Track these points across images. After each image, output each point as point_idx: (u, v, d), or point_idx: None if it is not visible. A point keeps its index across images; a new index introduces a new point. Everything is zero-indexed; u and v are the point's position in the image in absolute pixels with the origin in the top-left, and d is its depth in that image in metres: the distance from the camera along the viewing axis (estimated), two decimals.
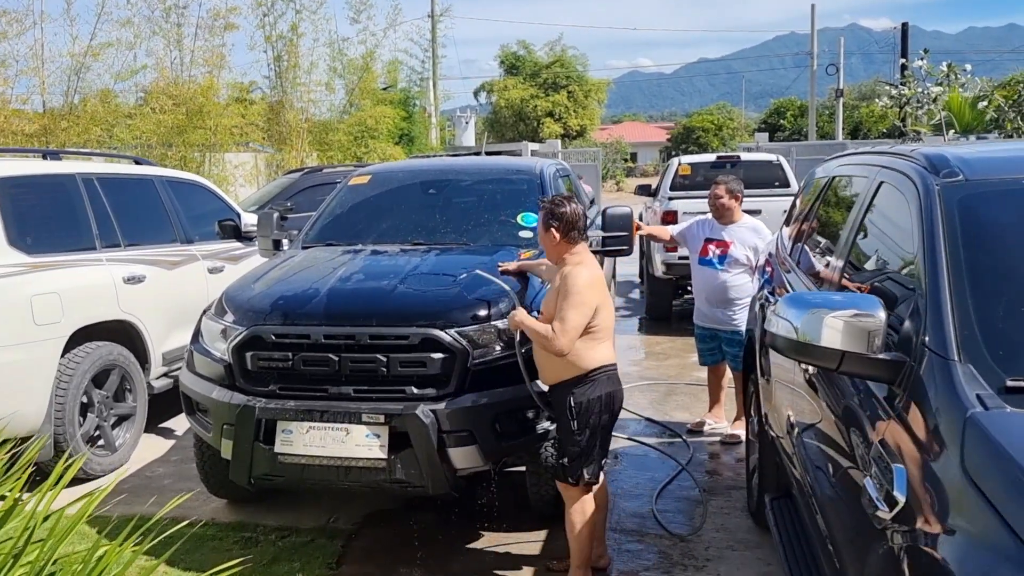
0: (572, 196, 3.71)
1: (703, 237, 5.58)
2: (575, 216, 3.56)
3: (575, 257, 3.57)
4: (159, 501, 4.58)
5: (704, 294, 5.60)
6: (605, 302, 3.53)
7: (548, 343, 3.41)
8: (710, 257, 5.53)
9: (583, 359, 3.47)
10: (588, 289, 3.43)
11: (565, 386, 3.51)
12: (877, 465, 1.91)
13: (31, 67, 11.78)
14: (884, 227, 2.77)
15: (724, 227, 5.53)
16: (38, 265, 4.85)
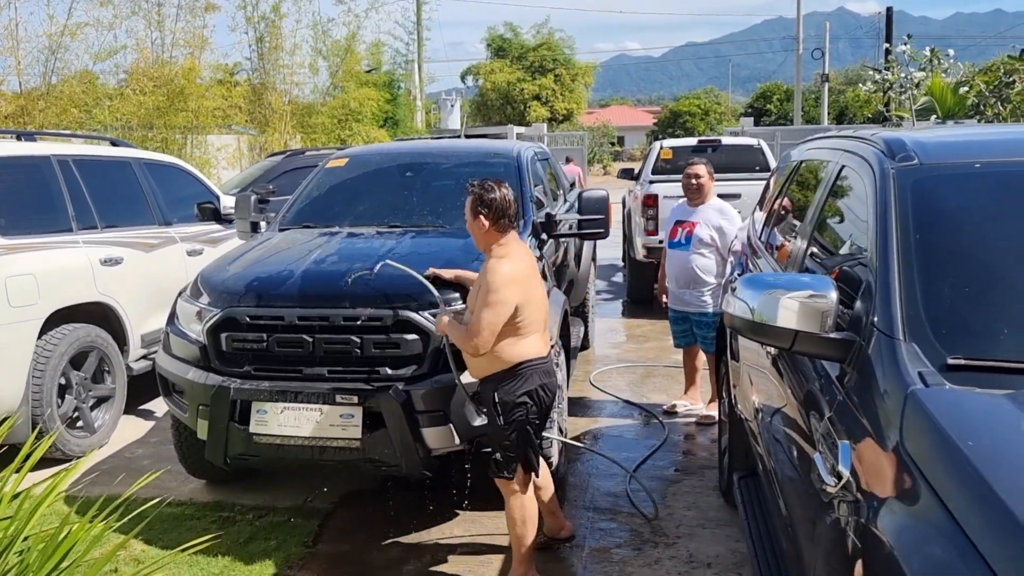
0: (503, 182, 3.54)
1: (674, 220, 5.66)
2: (505, 202, 3.41)
3: (501, 249, 3.42)
4: (136, 481, 4.61)
5: (674, 276, 5.67)
6: (530, 296, 3.38)
7: (463, 344, 3.35)
8: (678, 239, 5.61)
9: (507, 354, 3.35)
10: (506, 286, 3.27)
11: (491, 381, 3.42)
12: (825, 441, 1.97)
13: (6, 47, 11.66)
14: (844, 210, 2.82)
15: (694, 209, 5.61)
16: (13, 247, 4.84)
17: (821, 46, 38.03)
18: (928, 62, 19.11)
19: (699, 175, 5.60)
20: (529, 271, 3.46)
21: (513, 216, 3.46)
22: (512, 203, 3.45)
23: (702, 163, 5.70)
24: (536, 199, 5.42)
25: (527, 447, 3.47)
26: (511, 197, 3.47)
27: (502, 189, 3.46)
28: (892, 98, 20.01)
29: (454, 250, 4.42)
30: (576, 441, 5.28)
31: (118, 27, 12.88)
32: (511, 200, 3.45)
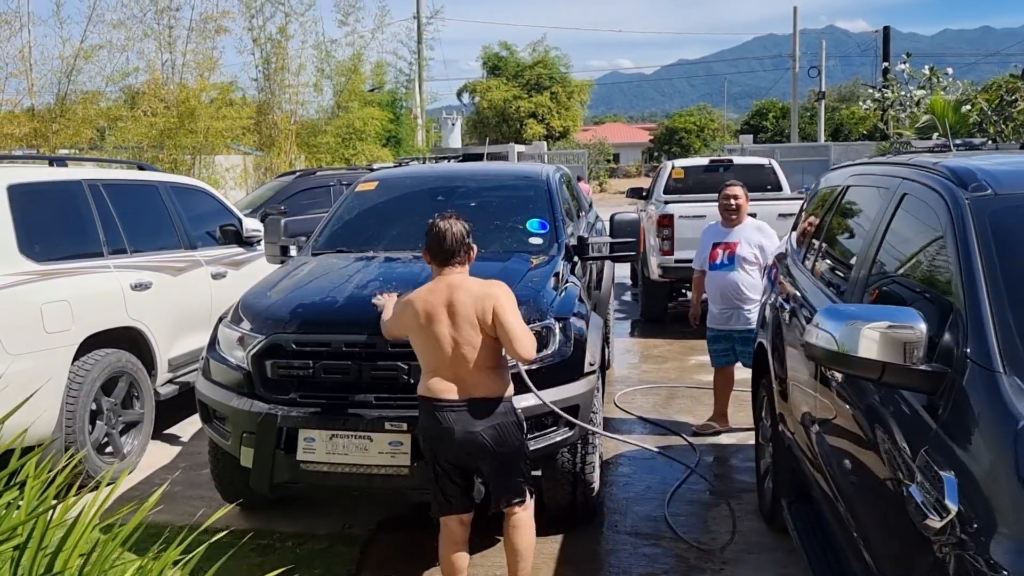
0: (455, 215, 3.51)
1: (710, 244, 5.71)
2: (436, 238, 3.42)
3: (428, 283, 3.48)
4: (170, 509, 4.58)
5: (718, 297, 5.72)
6: (416, 334, 3.37)
7: None
8: (719, 260, 5.66)
9: (419, 386, 3.41)
10: (389, 322, 3.54)
11: None
12: (923, 474, 1.97)
13: (20, 70, 11.68)
14: (910, 238, 2.83)
15: (730, 229, 5.66)
16: (47, 273, 4.83)
17: (813, 63, 38.40)
18: (927, 80, 19.32)
19: (737, 196, 5.69)
20: (411, 309, 3.37)
21: (448, 253, 3.41)
22: (448, 240, 3.40)
23: (738, 184, 5.82)
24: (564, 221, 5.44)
25: (437, 483, 3.43)
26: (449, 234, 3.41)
27: (447, 223, 3.44)
28: (891, 116, 20.18)
29: (492, 274, 4.41)
30: (614, 460, 5.28)
31: (130, 49, 12.94)
32: (447, 238, 3.40)
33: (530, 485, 3.48)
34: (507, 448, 3.35)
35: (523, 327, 3.34)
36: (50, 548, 2.35)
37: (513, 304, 3.34)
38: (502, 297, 3.32)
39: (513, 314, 3.31)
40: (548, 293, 4.23)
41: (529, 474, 3.48)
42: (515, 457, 3.40)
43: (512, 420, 3.38)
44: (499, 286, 3.39)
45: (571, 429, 3.96)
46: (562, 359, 3.96)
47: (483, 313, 3.27)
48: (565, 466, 4.12)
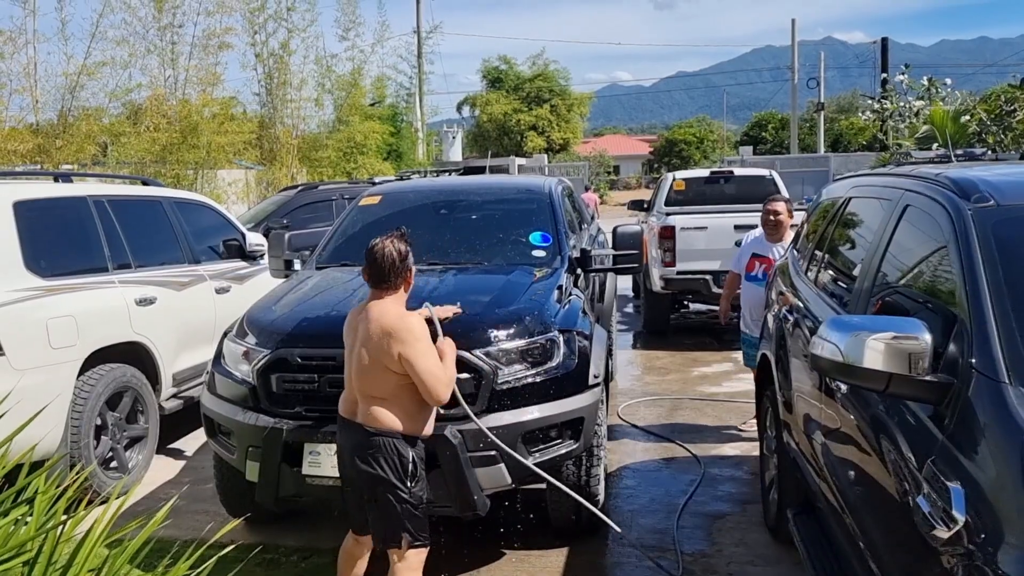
0: (396, 237, 3.33)
1: (751, 252, 5.76)
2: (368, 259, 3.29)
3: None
4: (176, 524, 4.58)
5: (749, 306, 5.77)
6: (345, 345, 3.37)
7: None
8: (755, 272, 5.73)
9: None
10: None
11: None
12: (930, 485, 1.98)
13: (24, 86, 11.75)
14: (913, 249, 2.85)
15: (772, 245, 5.71)
16: (53, 288, 4.85)
17: (812, 75, 38.55)
18: (926, 91, 19.38)
19: (778, 212, 5.74)
20: (347, 325, 3.37)
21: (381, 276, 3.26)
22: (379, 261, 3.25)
23: (782, 199, 5.88)
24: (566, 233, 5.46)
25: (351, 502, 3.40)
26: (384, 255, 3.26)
27: (384, 245, 3.28)
28: (890, 127, 20.23)
29: (496, 287, 4.45)
30: (618, 472, 5.29)
31: (133, 66, 13.03)
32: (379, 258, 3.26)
33: (415, 538, 3.23)
34: (382, 488, 3.19)
35: (437, 372, 3.19)
36: (60, 563, 2.36)
37: (421, 345, 3.16)
38: (412, 342, 3.14)
39: (424, 358, 3.16)
40: (551, 306, 4.25)
41: (415, 526, 3.23)
42: (391, 500, 3.19)
43: (396, 460, 3.18)
44: (408, 325, 3.18)
45: (576, 441, 3.96)
46: (566, 372, 3.97)
47: (387, 351, 3.14)
48: (569, 479, 4.12)
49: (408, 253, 3.31)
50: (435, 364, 3.21)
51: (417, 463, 3.24)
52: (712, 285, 9.05)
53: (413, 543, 3.24)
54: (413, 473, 3.22)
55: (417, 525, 3.24)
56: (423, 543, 3.28)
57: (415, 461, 3.23)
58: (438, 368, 3.22)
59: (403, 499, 3.20)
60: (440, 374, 3.22)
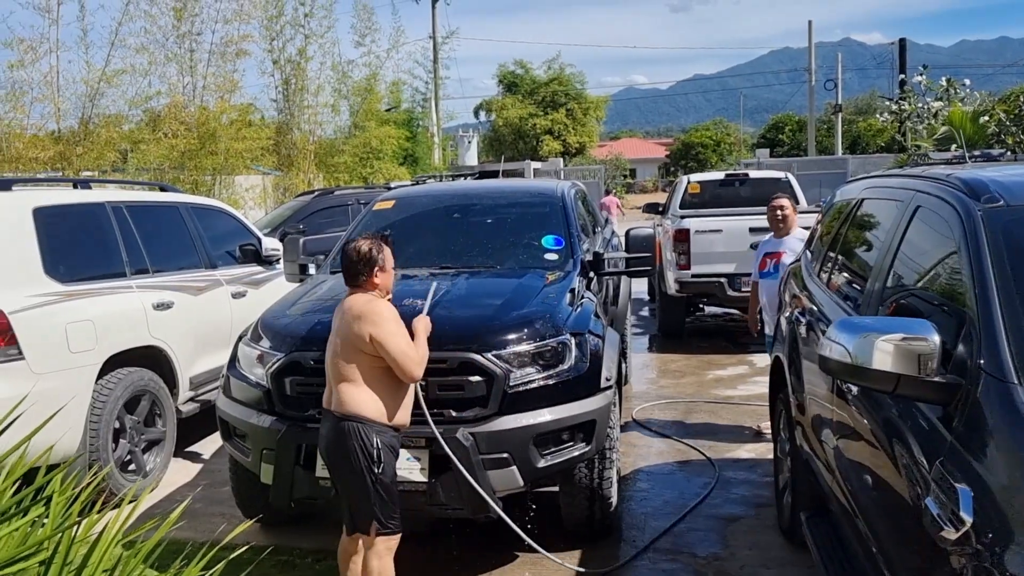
0: (369, 237, 3.55)
1: (763, 253, 5.79)
2: (342, 258, 3.56)
3: None
4: (192, 525, 4.63)
5: (768, 304, 5.78)
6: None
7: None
8: (767, 269, 5.76)
9: None
10: None
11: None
12: (939, 486, 1.97)
13: (45, 94, 11.92)
14: (924, 250, 2.84)
15: (780, 240, 5.75)
16: (72, 293, 4.91)
17: (830, 76, 38.34)
18: (945, 92, 19.22)
19: (783, 207, 5.81)
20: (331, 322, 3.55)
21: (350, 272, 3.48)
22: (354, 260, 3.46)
23: (785, 196, 5.97)
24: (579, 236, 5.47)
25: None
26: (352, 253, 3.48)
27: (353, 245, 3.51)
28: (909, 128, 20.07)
29: (509, 291, 4.47)
30: (632, 476, 5.28)
31: (153, 73, 13.18)
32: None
33: (383, 525, 3.34)
34: (351, 469, 3.30)
35: (407, 350, 3.33)
36: (75, 563, 2.39)
37: (390, 326, 3.32)
38: (381, 322, 3.31)
39: (394, 337, 3.31)
40: (564, 309, 4.26)
41: (383, 512, 3.33)
42: (358, 484, 3.31)
43: (361, 445, 3.28)
44: (376, 307, 3.36)
45: (588, 444, 3.97)
46: (578, 375, 3.98)
47: (359, 334, 3.31)
48: (582, 481, 4.13)
49: (373, 251, 3.46)
50: (406, 343, 3.36)
51: (382, 450, 3.32)
52: (727, 288, 9.03)
53: (381, 530, 3.35)
54: (378, 459, 3.29)
55: (385, 512, 3.35)
56: (391, 531, 3.38)
57: (380, 447, 3.30)
58: (409, 347, 3.36)
59: (370, 485, 3.30)
60: (411, 352, 3.36)
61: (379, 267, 3.46)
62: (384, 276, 3.51)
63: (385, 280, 3.52)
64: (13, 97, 11.78)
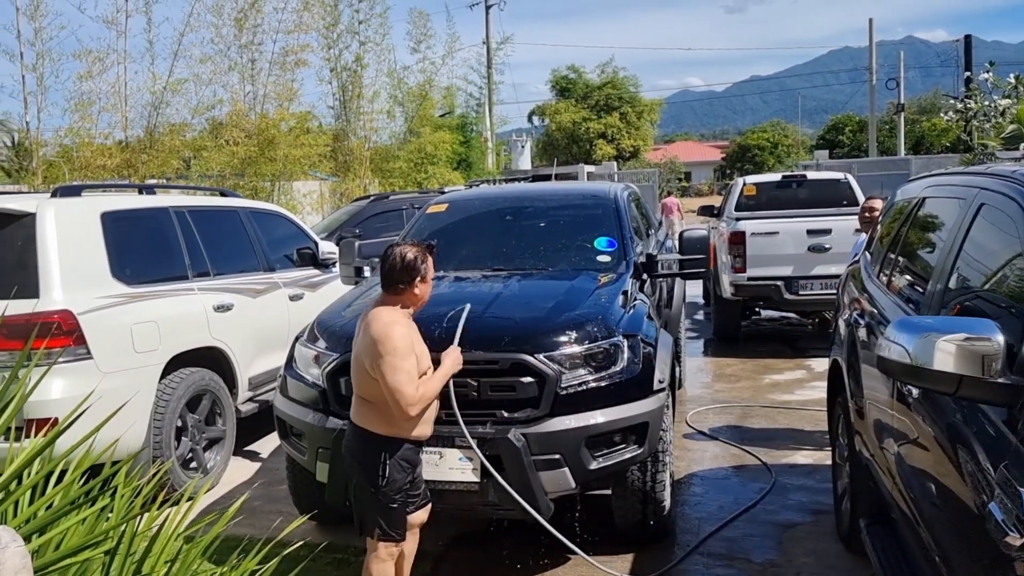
0: (412, 244, 3.45)
1: (854, 253, 5.71)
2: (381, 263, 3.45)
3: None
4: (250, 522, 4.72)
5: None
6: None
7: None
8: None
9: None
10: None
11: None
12: (1003, 490, 1.91)
13: (113, 104, 12.35)
14: (988, 249, 2.75)
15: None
16: (137, 295, 5.07)
17: (892, 75, 37.38)
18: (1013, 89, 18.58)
19: (874, 208, 5.71)
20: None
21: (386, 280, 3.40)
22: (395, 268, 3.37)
23: (877, 197, 5.89)
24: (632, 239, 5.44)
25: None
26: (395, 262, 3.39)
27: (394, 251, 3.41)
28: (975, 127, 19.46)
29: (561, 292, 4.47)
30: (686, 480, 5.22)
31: (215, 82, 13.56)
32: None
33: (385, 533, 3.40)
34: (361, 480, 3.39)
35: (404, 389, 3.21)
36: (137, 555, 2.47)
37: (392, 359, 3.20)
38: (382, 351, 3.21)
39: (395, 372, 3.20)
40: (616, 311, 4.24)
41: (387, 522, 3.38)
42: (368, 492, 3.37)
43: (370, 457, 3.33)
44: (387, 337, 3.22)
45: (640, 447, 3.94)
46: (630, 377, 3.95)
47: (369, 356, 3.28)
48: (635, 484, 4.10)
49: (418, 260, 3.36)
50: (404, 380, 3.21)
51: (391, 465, 3.34)
52: (784, 291, 8.88)
53: (382, 537, 3.41)
54: (382, 472, 3.33)
55: (389, 521, 3.41)
56: (394, 539, 3.43)
57: (386, 462, 3.33)
58: (407, 385, 3.22)
59: (375, 496, 3.37)
60: (406, 391, 3.21)
61: (421, 278, 3.39)
62: (424, 288, 3.43)
63: (424, 291, 3.44)
64: (82, 107, 12.23)
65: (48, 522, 2.28)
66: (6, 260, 4.70)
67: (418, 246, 3.45)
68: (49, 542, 2.28)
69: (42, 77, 12.40)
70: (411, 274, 3.36)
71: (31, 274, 4.57)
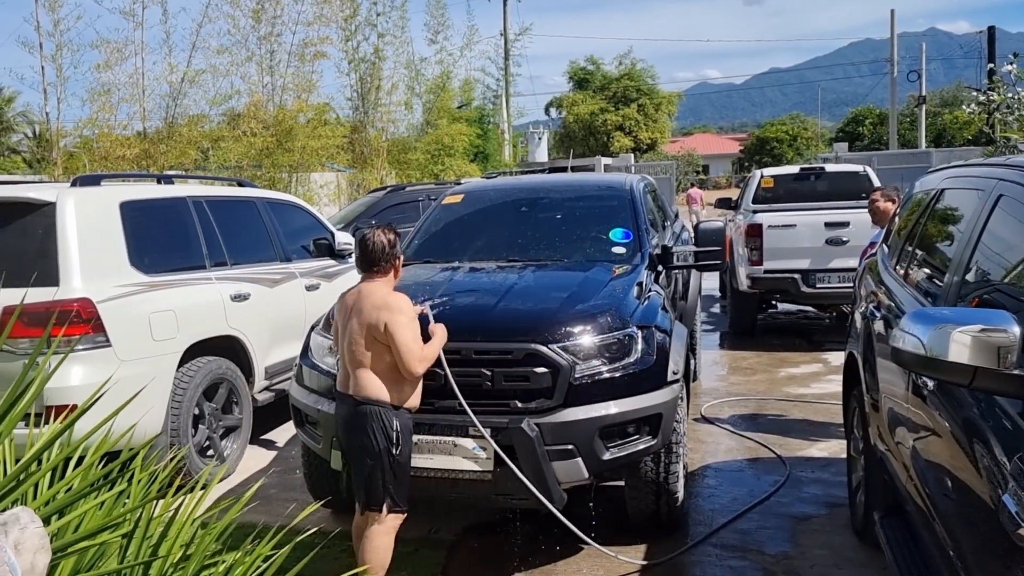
0: (385, 228, 3.71)
1: (867, 244, 5.73)
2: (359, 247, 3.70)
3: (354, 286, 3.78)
4: (265, 509, 4.77)
5: None
6: (337, 329, 3.74)
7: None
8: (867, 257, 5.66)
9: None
10: None
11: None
12: (1017, 482, 1.90)
13: (131, 95, 12.44)
14: (1006, 239, 2.72)
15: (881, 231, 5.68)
16: (155, 284, 5.12)
17: (914, 68, 36.97)
18: None
19: (874, 199, 5.88)
20: (341, 308, 3.73)
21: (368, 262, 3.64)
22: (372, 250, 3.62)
23: (877, 189, 6.17)
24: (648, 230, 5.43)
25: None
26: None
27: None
28: (998, 119, 19.21)
29: (575, 283, 4.47)
30: (700, 471, 5.23)
31: (233, 73, 13.63)
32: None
33: (395, 503, 3.52)
34: (369, 451, 3.48)
35: (412, 345, 3.45)
36: (153, 539, 2.50)
37: (406, 320, 3.46)
38: (396, 312, 3.46)
39: (404, 329, 3.44)
40: (630, 302, 4.24)
41: (397, 493, 3.51)
42: (375, 463, 3.48)
43: (381, 427, 3.46)
44: (395, 300, 3.51)
45: (654, 438, 3.94)
46: (644, 368, 3.95)
47: (377, 323, 3.45)
48: (648, 475, 4.10)
49: (396, 242, 3.66)
50: (412, 338, 3.48)
51: (400, 431, 3.49)
52: (801, 284, 8.82)
53: (393, 508, 3.52)
54: (397, 440, 3.47)
55: (399, 492, 3.52)
56: (401, 509, 3.55)
57: (399, 429, 3.49)
58: (415, 343, 3.48)
59: (387, 465, 3.48)
60: (415, 348, 3.47)
61: (398, 257, 3.67)
62: (398, 265, 3.72)
63: (399, 269, 3.74)
64: (101, 96, 12.33)
65: (66, 504, 2.32)
66: (26, 248, 4.76)
67: (387, 228, 3.72)
68: (68, 524, 2.32)
69: (61, 68, 12.55)
70: (393, 254, 3.63)
71: (51, 262, 4.62)
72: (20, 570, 1.59)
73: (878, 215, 5.80)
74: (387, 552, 3.58)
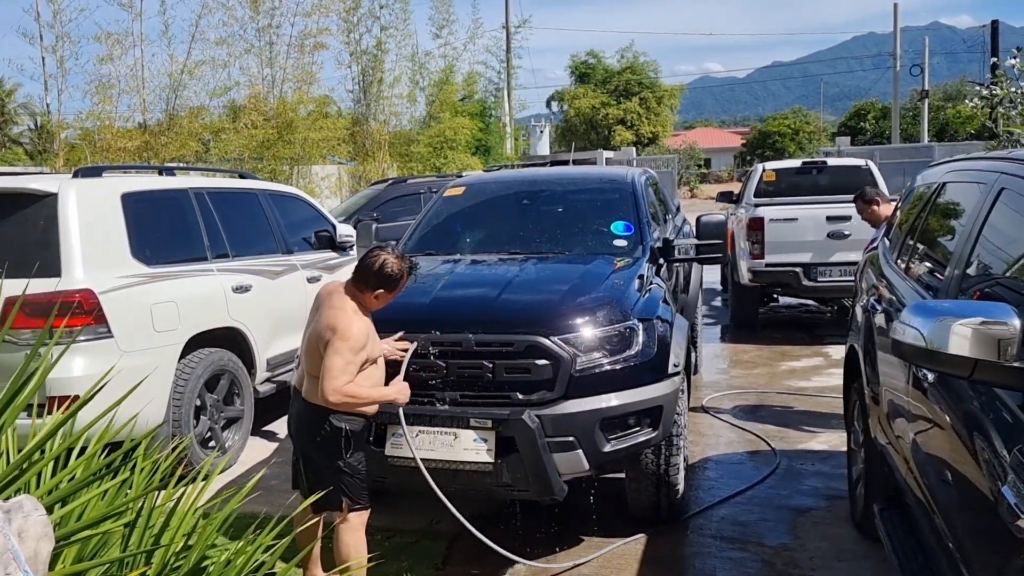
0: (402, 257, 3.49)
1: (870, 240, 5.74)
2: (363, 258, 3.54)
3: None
4: (267, 500, 4.78)
5: None
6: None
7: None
8: None
9: None
10: None
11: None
12: (1016, 474, 1.90)
13: (132, 86, 12.44)
14: (1008, 233, 2.72)
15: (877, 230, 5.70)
16: (157, 276, 5.13)
17: (917, 62, 36.86)
18: None
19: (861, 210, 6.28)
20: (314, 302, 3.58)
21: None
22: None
23: (858, 192, 6.43)
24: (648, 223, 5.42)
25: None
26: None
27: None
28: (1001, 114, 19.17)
29: (576, 276, 4.47)
30: (700, 464, 5.24)
31: (232, 65, 13.62)
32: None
33: (353, 502, 3.43)
34: (320, 457, 3.41)
35: (336, 373, 3.22)
36: (155, 528, 2.52)
37: (341, 344, 3.24)
38: (339, 337, 3.25)
39: (337, 356, 3.24)
40: (631, 295, 4.24)
41: (353, 492, 3.42)
42: (328, 468, 3.40)
43: (328, 435, 3.35)
44: (347, 324, 3.28)
45: (654, 430, 3.95)
46: (645, 360, 3.96)
47: (323, 335, 3.31)
48: (649, 467, 4.12)
49: (395, 275, 3.41)
50: (340, 367, 3.24)
51: (351, 437, 3.39)
52: (803, 278, 8.83)
53: (352, 507, 3.45)
54: (346, 446, 3.38)
55: (355, 491, 3.45)
56: (362, 507, 3.48)
57: (348, 435, 3.37)
58: (342, 374, 3.24)
59: (340, 469, 3.40)
60: (338, 378, 3.23)
61: (385, 291, 3.44)
62: (383, 300, 3.48)
63: (381, 303, 3.49)
64: (102, 89, 12.32)
65: (69, 493, 2.33)
66: (28, 239, 4.76)
67: (403, 260, 3.48)
68: (71, 513, 2.33)
69: (62, 60, 12.54)
70: (384, 283, 3.41)
71: (53, 253, 4.63)
72: (23, 557, 1.60)
73: (867, 217, 5.86)
74: (360, 548, 3.49)
